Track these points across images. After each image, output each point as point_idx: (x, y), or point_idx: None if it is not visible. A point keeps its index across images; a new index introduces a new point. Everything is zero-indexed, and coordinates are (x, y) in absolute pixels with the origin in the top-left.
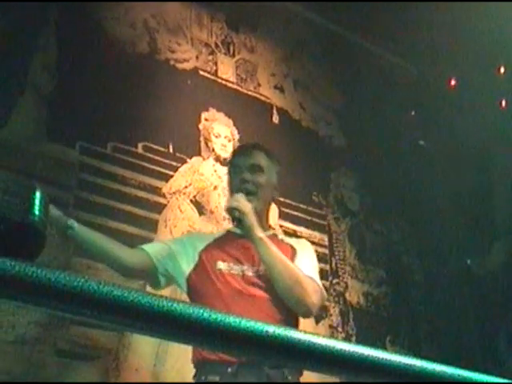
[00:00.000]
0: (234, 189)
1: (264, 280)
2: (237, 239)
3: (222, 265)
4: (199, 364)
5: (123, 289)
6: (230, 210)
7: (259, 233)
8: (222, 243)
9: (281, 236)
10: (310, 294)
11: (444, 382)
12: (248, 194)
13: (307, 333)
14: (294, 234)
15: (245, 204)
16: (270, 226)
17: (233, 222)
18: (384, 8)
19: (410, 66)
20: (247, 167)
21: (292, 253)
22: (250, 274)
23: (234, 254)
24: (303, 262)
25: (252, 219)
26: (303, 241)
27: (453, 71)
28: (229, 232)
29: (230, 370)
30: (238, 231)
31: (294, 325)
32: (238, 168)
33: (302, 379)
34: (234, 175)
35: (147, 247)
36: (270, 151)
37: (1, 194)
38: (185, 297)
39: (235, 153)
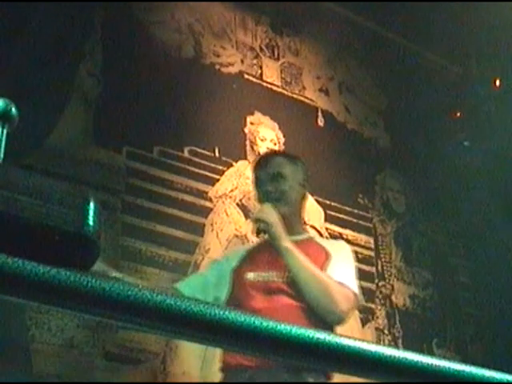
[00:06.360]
0: (260, 201)
1: (292, 287)
2: (269, 247)
3: (250, 275)
4: (225, 370)
5: (176, 297)
6: (256, 221)
7: (285, 243)
8: (253, 254)
9: (319, 239)
10: (338, 302)
11: None
12: (274, 202)
13: (319, 331)
14: (340, 237)
15: (270, 214)
16: (304, 229)
17: (257, 233)
18: (427, 8)
19: (455, 66)
20: (269, 178)
21: (325, 258)
22: (276, 280)
23: (264, 263)
24: (337, 267)
25: (277, 229)
26: (341, 243)
27: (498, 71)
28: (265, 240)
29: (247, 375)
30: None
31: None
32: (261, 181)
33: None
34: (258, 188)
35: (182, 286)
36: (288, 153)
37: (56, 205)
38: None
39: (256, 165)
